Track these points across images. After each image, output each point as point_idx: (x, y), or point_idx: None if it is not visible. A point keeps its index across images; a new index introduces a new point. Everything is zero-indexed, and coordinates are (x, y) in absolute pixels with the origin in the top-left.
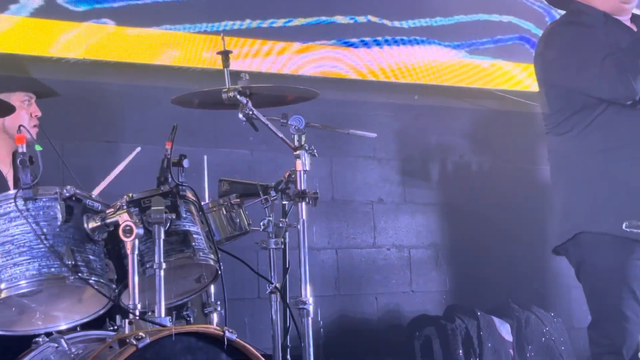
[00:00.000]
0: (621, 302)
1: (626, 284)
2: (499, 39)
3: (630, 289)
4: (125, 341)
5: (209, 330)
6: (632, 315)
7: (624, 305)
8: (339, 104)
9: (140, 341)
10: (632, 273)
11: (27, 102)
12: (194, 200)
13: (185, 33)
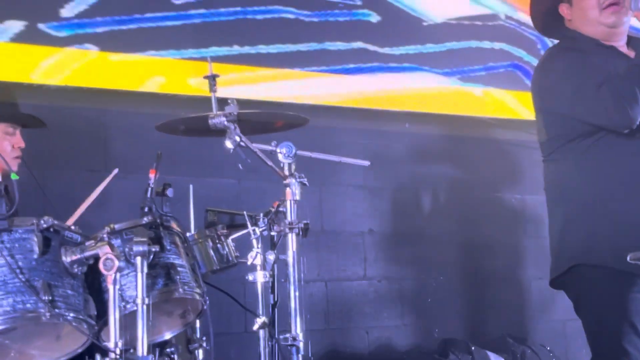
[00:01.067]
0: (622, 338)
1: (626, 319)
2: (490, 66)
3: (631, 323)
4: None
5: None
6: (633, 351)
7: (625, 341)
8: (329, 132)
9: None
10: (633, 307)
11: (10, 133)
12: (179, 232)
13: (171, 59)
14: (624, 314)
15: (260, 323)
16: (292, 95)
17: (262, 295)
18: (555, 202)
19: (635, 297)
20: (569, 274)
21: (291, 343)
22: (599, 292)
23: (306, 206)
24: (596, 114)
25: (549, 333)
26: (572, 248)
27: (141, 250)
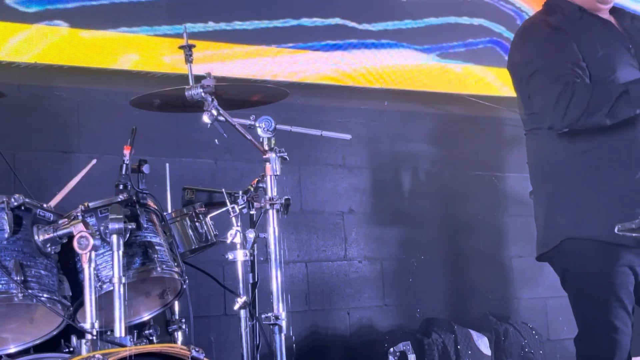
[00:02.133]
0: (609, 312)
1: (613, 293)
2: (469, 42)
3: (618, 297)
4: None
5: (174, 350)
6: (621, 326)
7: (612, 316)
8: (307, 110)
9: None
10: (619, 280)
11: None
12: (156, 209)
13: (144, 36)
14: (610, 289)
15: (241, 303)
16: (269, 72)
17: (242, 275)
18: (540, 177)
19: (622, 270)
20: (557, 248)
21: (273, 322)
22: (586, 266)
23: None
24: (537, 102)
25: (531, 310)
26: (560, 222)
27: (117, 228)
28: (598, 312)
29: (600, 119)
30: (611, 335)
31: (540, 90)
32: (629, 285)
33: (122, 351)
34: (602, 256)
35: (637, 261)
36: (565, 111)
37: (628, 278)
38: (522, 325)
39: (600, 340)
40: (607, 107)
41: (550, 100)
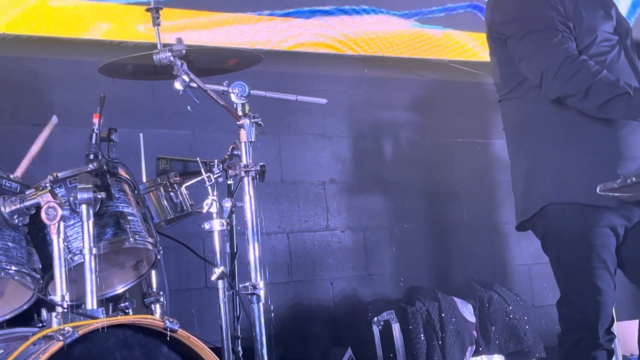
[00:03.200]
0: (592, 274)
1: (595, 254)
2: (449, 7)
3: (600, 258)
4: (51, 337)
5: (146, 321)
6: (604, 287)
7: (595, 277)
8: (284, 78)
9: (68, 336)
10: (600, 242)
11: None
12: (128, 179)
13: (116, 4)
14: (592, 249)
15: (219, 273)
16: (246, 40)
17: (219, 245)
18: (518, 142)
19: (603, 231)
20: (538, 214)
21: (251, 292)
22: (566, 228)
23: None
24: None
25: (515, 277)
26: (540, 188)
27: (86, 198)
28: (580, 274)
29: (592, 106)
30: (594, 298)
31: (538, 54)
32: (610, 246)
33: (93, 323)
34: (582, 218)
35: (618, 221)
36: (566, 83)
37: (610, 239)
38: (506, 292)
39: (582, 303)
40: (604, 99)
41: (551, 66)
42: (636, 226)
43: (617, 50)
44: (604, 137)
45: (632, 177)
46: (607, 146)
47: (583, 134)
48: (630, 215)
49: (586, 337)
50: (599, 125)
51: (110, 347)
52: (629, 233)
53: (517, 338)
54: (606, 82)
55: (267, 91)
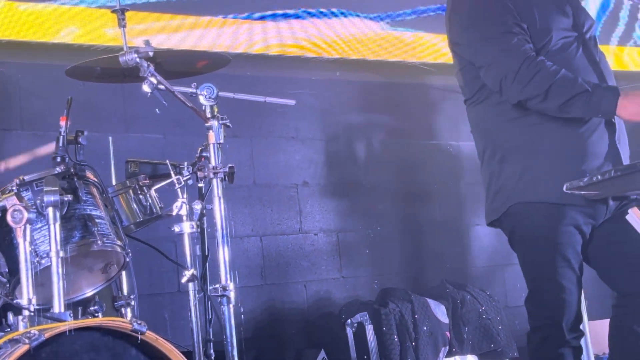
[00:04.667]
0: (556, 272)
1: (559, 253)
2: (420, 9)
3: (564, 257)
4: (17, 340)
5: (114, 324)
6: (569, 285)
7: (559, 275)
8: (256, 82)
9: (34, 339)
10: (565, 240)
11: None
12: (96, 182)
13: (85, 8)
14: (556, 247)
15: (189, 276)
16: (216, 43)
17: (189, 247)
18: (487, 145)
19: (567, 229)
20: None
21: (221, 294)
22: (532, 226)
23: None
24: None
25: (488, 278)
26: (508, 188)
27: (52, 201)
28: (545, 272)
29: (552, 107)
30: (559, 295)
31: (495, 60)
32: (575, 244)
33: (59, 326)
34: (548, 217)
35: (583, 220)
36: (526, 86)
37: (574, 237)
38: (479, 293)
39: (548, 300)
40: (564, 99)
41: (509, 71)
42: (603, 225)
43: (575, 47)
44: (567, 136)
45: (597, 175)
46: (570, 144)
47: (546, 134)
48: (595, 213)
49: (553, 334)
50: (562, 124)
51: (77, 350)
52: (596, 232)
53: (490, 338)
54: (565, 82)
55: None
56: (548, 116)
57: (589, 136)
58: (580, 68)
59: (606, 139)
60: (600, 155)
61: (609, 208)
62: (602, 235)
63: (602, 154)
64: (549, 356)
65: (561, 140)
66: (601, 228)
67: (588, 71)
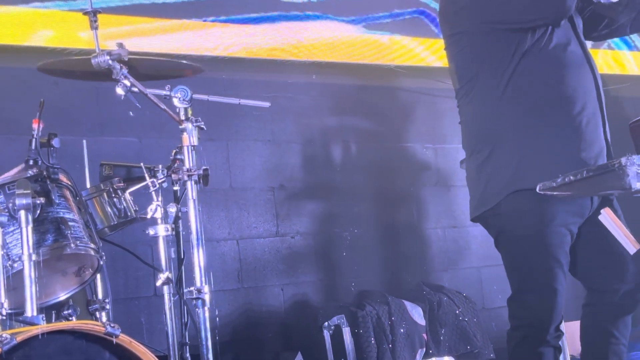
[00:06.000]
0: (547, 274)
1: (551, 254)
2: (396, 13)
3: (555, 258)
4: None
5: (86, 327)
6: (559, 287)
7: (550, 277)
8: (231, 85)
9: (5, 343)
10: (556, 241)
11: None
12: (69, 185)
13: (58, 11)
14: (547, 249)
15: (164, 278)
16: (191, 47)
17: (165, 250)
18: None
19: (558, 230)
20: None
21: (196, 297)
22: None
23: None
24: (525, 6)
25: (465, 280)
26: (504, 178)
27: (24, 204)
28: (534, 274)
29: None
30: (549, 297)
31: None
32: (565, 245)
33: (32, 330)
34: (538, 216)
35: (571, 220)
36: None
37: (565, 238)
38: (456, 294)
39: (535, 302)
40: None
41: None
42: (587, 222)
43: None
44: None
45: (570, 176)
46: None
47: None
48: (582, 211)
49: (534, 334)
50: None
51: (50, 354)
52: (582, 229)
53: (467, 340)
54: None
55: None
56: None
57: (586, 124)
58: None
59: (600, 128)
60: (596, 143)
61: (593, 205)
62: (586, 233)
63: (599, 142)
64: (529, 355)
65: (557, 128)
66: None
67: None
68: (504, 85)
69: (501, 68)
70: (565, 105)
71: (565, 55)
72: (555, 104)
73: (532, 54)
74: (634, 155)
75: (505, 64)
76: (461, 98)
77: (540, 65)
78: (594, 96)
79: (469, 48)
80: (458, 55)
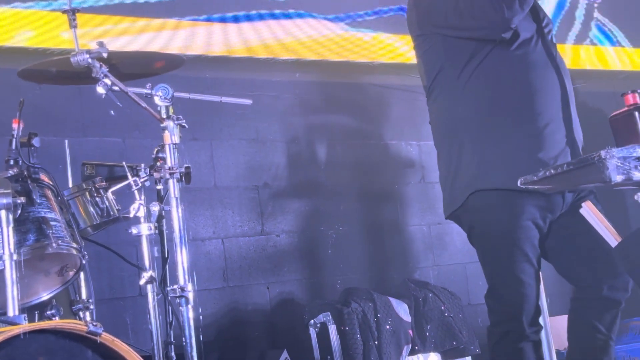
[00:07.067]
0: (515, 267)
1: (518, 248)
2: (378, 10)
3: (522, 252)
4: None
5: (68, 326)
6: (527, 279)
7: (518, 270)
8: (214, 84)
9: None
10: (523, 235)
11: None
12: (50, 184)
13: (40, 11)
14: (515, 242)
15: (147, 277)
16: (174, 46)
17: (148, 249)
18: (445, 136)
19: (525, 224)
20: (464, 205)
21: (179, 295)
22: (490, 221)
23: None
24: (473, 17)
25: (450, 276)
26: (466, 177)
27: (5, 203)
28: (504, 267)
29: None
30: (518, 290)
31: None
32: (533, 239)
33: (13, 329)
34: (506, 211)
35: (540, 214)
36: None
37: (532, 232)
38: (441, 291)
39: (507, 295)
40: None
41: (485, 6)
42: (560, 218)
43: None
44: (523, 124)
45: (550, 170)
46: (526, 133)
47: (502, 121)
48: (552, 207)
49: (513, 329)
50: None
51: (32, 353)
52: (553, 225)
53: (452, 336)
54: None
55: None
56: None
57: (546, 125)
58: (538, 62)
59: (563, 129)
60: (557, 144)
61: (565, 201)
62: (558, 229)
63: (559, 143)
64: (509, 350)
65: (517, 128)
66: (558, 221)
67: (546, 65)
68: (462, 86)
69: (460, 69)
70: (525, 105)
71: (528, 55)
72: (514, 105)
73: (493, 55)
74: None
75: (463, 65)
76: (428, 97)
77: (500, 66)
78: (557, 96)
79: (432, 50)
80: (423, 56)
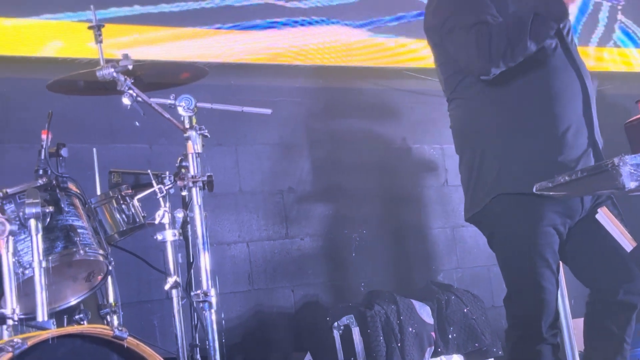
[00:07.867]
0: (535, 273)
1: (538, 253)
2: (400, 15)
3: (543, 257)
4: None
5: (94, 331)
6: (547, 285)
7: (538, 275)
8: (238, 91)
9: (17, 347)
10: (543, 241)
11: None
12: (78, 193)
13: (68, 22)
14: (535, 248)
15: (172, 282)
16: (198, 54)
17: (172, 255)
18: (466, 141)
19: (546, 230)
20: (484, 209)
21: (203, 299)
22: (511, 226)
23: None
24: (460, 54)
25: (474, 279)
26: (488, 181)
27: (34, 212)
28: (524, 272)
29: (524, 46)
30: (538, 295)
31: (460, 43)
32: (553, 245)
33: (42, 334)
34: (527, 216)
35: (559, 220)
36: (489, 51)
37: (552, 238)
38: (464, 293)
39: (527, 300)
40: (526, 32)
41: (471, 48)
42: (579, 223)
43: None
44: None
45: (565, 176)
46: (547, 137)
47: (523, 125)
48: (572, 212)
49: (531, 332)
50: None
51: (60, 357)
52: (572, 230)
53: (475, 338)
54: (515, 21)
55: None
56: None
57: (567, 128)
58: (559, 65)
59: (585, 131)
60: (580, 146)
61: (584, 207)
62: (576, 234)
63: (582, 145)
64: (527, 353)
65: (538, 133)
66: (576, 226)
67: (567, 68)
68: (483, 94)
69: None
70: (546, 110)
71: (548, 59)
72: (535, 110)
73: None
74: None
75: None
76: (449, 104)
77: (520, 72)
78: (579, 99)
79: (451, 59)
80: (443, 65)
